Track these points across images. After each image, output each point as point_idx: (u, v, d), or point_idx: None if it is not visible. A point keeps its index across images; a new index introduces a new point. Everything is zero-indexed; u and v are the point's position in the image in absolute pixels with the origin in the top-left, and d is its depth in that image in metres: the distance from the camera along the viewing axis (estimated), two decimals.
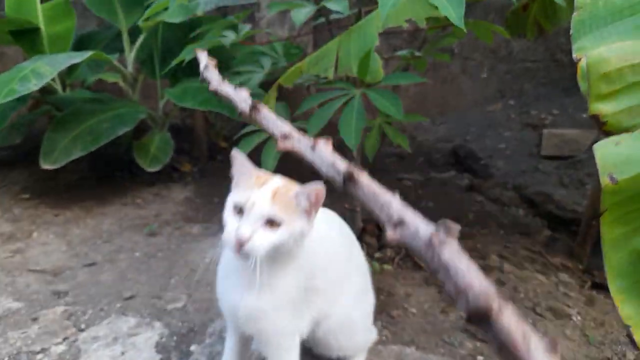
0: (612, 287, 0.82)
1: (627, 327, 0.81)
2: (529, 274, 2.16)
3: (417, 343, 1.72)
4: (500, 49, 4.68)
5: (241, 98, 0.83)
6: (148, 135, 3.22)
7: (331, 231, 1.41)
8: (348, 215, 2.28)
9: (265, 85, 2.28)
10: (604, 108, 0.91)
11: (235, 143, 2.34)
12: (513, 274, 2.14)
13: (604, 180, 0.83)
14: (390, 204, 0.48)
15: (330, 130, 1.56)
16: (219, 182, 3.35)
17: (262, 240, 1.03)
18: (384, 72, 1.75)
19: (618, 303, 0.83)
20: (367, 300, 1.53)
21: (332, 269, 1.37)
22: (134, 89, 3.38)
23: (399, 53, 2.33)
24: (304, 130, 1.55)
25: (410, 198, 3.08)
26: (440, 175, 3.50)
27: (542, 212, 2.89)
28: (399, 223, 0.45)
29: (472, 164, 3.59)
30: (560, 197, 2.90)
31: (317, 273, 1.28)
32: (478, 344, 1.72)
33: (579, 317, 1.86)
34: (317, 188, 1.08)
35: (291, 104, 2.14)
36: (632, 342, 0.80)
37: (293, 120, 1.95)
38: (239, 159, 1.13)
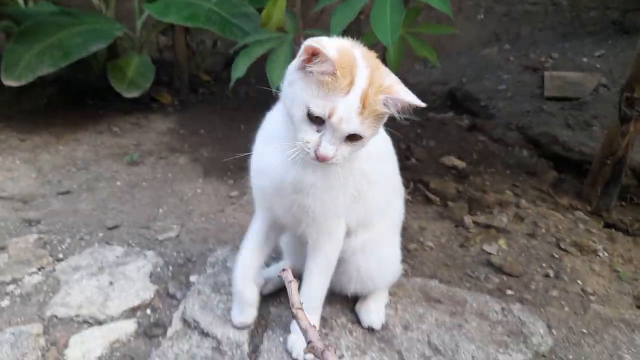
0: None
1: None
2: (546, 210, 2.04)
3: (439, 277, 1.58)
4: None
5: (314, 336, 0.81)
6: (125, 57, 2.89)
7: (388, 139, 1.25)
8: None
9: None
10: None
11: (228, 64, 2.08)
12: (530, 210, 2.01)
13: None
14: None
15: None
16: (203, 114, 3.08)
17: (344, 153, 0.95)
18: None
19: None
20: (399, 232, 1.36)
21: (385, 172, 1.24)
22: (108, 5, 3.01)
23: None
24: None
25: (410, 136, 2.90)
26: (439, 116, 3.33)
27: (548, 153, 2.77)
28: None
29: (471, 105, 3.42)
30: (567, 138, 2.78)
31: (372, 169, 1.16)
32: (504, 277, 1.59)
33: (605, 253, 1.75)
34: (411, 103, 0.91)
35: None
36: None
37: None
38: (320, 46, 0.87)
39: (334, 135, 0.92)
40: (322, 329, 1.28)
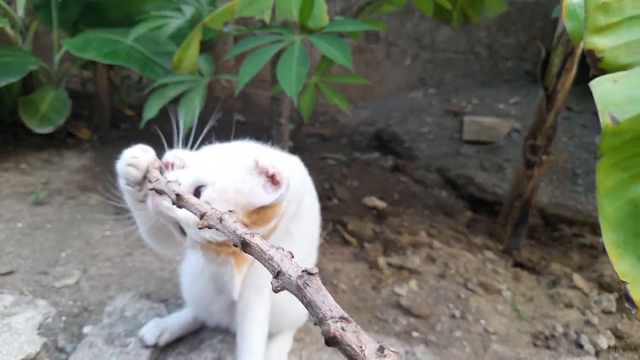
0: (607, 240, 0.71)
1: (623, 284, 0.70)
2: (457, 251, 2.10)
3: None
4: (425, 37, 4.71)
5: (170, 188, 0.82)
6: (39, 91, 2.77)
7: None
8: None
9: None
10: (600, 42, 0.79)
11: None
12: (442, 250, 2.07)
13: (605, 121, 0.71)
14: (272, 258, 0.56)
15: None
16: (122, 151, 2.98)
17: None
18: None
19: (613, 258, 0.72)
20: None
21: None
22: (25, 38, 2.89)
23: (335, 19, 2.17)
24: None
25: (335, 176, 2.94)
26: (365, 156, 3.41)
27: (464, 194, 2.90)
28: (279, 273, 0.54)
29: (396, 147, 3.54)
30: (482, 179, 2.93)
31: None
32: (412, 319, 1.61)
33: (508, 292, 1.82)
34: None
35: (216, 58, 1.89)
36: (628, 299, 0.70)
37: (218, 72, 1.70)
38: None
39: None
40: None
